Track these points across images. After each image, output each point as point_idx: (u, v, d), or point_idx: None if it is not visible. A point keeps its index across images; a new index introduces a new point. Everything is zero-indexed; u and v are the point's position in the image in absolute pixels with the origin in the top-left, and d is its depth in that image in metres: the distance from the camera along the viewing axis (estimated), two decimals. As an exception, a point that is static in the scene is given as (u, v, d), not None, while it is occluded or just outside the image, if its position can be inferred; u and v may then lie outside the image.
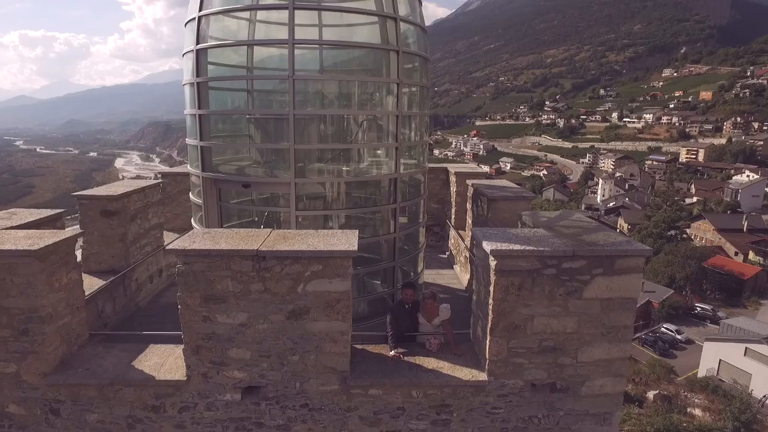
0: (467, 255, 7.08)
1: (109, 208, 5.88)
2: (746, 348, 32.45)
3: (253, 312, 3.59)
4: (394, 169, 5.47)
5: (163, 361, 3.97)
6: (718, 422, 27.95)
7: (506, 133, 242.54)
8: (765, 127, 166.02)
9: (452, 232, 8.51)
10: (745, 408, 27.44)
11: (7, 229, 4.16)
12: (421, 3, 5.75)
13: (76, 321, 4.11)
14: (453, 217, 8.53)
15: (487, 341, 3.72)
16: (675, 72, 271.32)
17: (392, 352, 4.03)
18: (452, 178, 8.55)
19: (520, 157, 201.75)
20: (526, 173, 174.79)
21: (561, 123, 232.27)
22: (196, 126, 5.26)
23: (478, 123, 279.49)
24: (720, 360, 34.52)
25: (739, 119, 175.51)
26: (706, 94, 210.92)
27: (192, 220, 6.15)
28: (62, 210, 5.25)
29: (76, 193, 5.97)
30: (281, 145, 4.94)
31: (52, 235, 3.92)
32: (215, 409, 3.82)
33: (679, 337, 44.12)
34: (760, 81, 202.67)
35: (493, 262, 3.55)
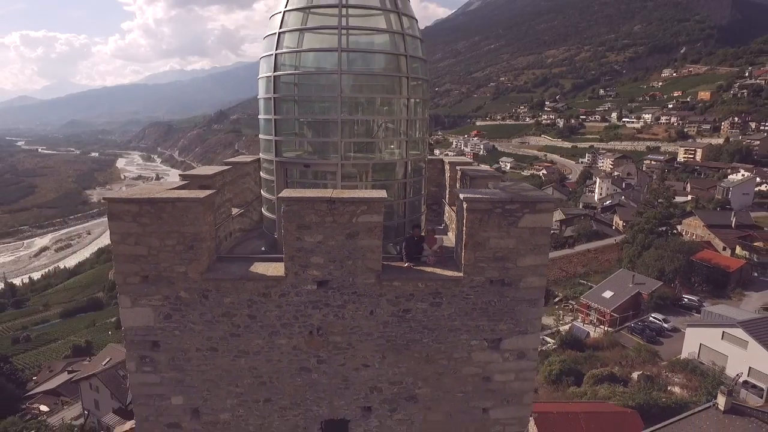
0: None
1: (205, 183, 8.41)
2: (723, 332, 34.97)
3: (326, 234, 6.15)
4: (405, 156, 8.05)
5: (267, 269, 6.54)
6: (693, 397, 30.53)
7: (506, 133, 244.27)
8: (762, 127, 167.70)
9: (446, 208, 11.03)
10: (717, 384, 29.98)
11: (171, 189, 6.74)
12: (422, 41, 8.30)
13: (213, 245, 6.68)
14: (447, 196, 11.06)
15: (462, 253, 6.29)
16: (674, 72, 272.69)
17: (406, 264, 6.60)
18: (446, 167, 11.09)
19: (520, 157, 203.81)
20: (526, 173, 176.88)
21: (561, 123, 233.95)
22: (272, 126, 7.84)
23: (478, 123, 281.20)
24: (700, 344, 37.03)
25: (736, 119, 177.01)
26: (704, 94, 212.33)
27: (261, 191, 8.72)
28: (186, 182, 7.78)
29: (181, 173, 8.51)
30: (332, 138, 7.52)
31: (203, 192, 6.50)
32: (301, 295, 6.39)
33: (665, 325, 46.65)
34: (758, 81, 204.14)
35: (465, 205, 6.12)
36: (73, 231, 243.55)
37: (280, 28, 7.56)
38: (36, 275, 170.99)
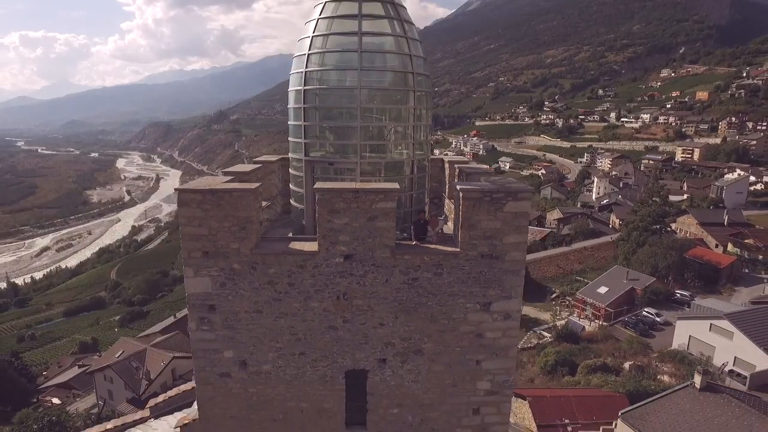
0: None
1: (244, 178, 9.98)
2: (711, 324, 36.62)
3: (351, 217, 7.73)
4: (411, 156, 9.64)
5: (303, 246, 8.12)
6: (680, 384, 32.10)
7: (506, 133, 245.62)
8: (759, 127, 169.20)
9: (446, 201, 12.63)
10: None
11: (224, 182, 8.33)
12: (425, 59, 9.88)
13: (259, 227, 8.27)
14: (447, 191, 12.65)
15: (459, 233, 7.88)
16: (673, 72, 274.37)
17: (414, 242, 8.19)
18: (446, 165, 12.68)
19: (519, 157, 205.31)
20: (525, 172, 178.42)
21: (560, 123, 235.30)
22: (302, 131, 9.44)
23: (478, 123, 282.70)
24: (690, 336, 38.69)
25: (734, 119, 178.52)
26: (702, 95, 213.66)
27: (290, 185, 10.32)
28: (231, 177, 9.35)
29: (224, 170, 10.09)
30: (351, 141, 9.11)
31: (253, 184, 8.09)
32: (330, 266, 7.96)
33: (658, 319, 48.38)
34: (755, 81, 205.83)
35: (461, 194, 7.71)
36: (74, 231, 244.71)
37: (309, 50, 9.16)
38: (38, 275, 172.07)
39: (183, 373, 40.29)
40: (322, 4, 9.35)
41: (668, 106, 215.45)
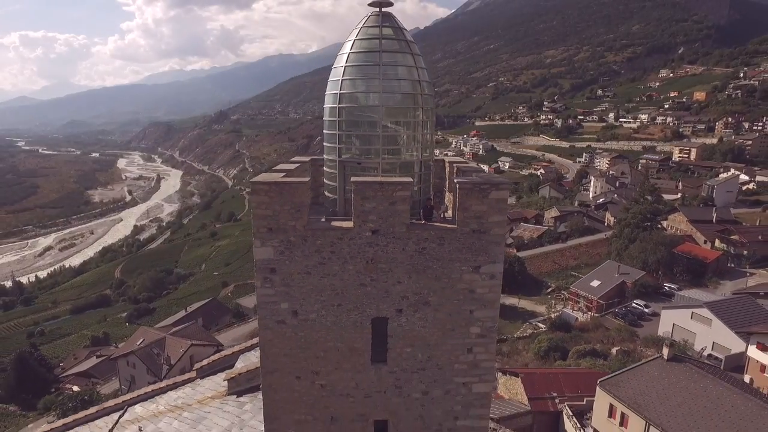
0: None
1: (291, 174, 12.81)
2: (692, 312, 39.46)
3: (378, 203, 10.54)
4: (420, 157, 12.50)
5: (342, 223, 10.95)
6: (662, 366, 35.04)
7: (505, 133, 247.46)
8: (755, 127, 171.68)
9: (447, 194, 15.47)
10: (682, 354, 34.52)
11: (282, 177, 11.16)
12: (429, 82, 12.72)
13: (308, 209, 11.12)
14: (447, 185, 15.49)
15: (456, 214, 10.71)
16: (671, 72, 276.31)
17: (422, 222, 11.05)
18: (447, 165, 15.52)
19: (518, 157, 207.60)
20: (524, 172, 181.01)
21: (559, 123, 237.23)
22: (336, 138, 12.29)
23: (477, 123, 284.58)
24: (673, 324, 41.55)
25: (730, 119, 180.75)
26: (699, 95, 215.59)
27: (324, 179, 13.18)
28: (284, 173, 12.16)
29: (275, 168, 12.91)
30: (375, 145, 11.96)
31: (305, 178, 10.93)
32: (362, 239, 10.77)
33: (646, 310, 51.24)
34: (752, 82, 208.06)
35: (458, 185, 10.55)
36: (76, 231, 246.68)
37: (342, 76, 12.03)
38: (42, 274, 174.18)
39: (200, 359, 43.04)
40: (352, 41, 12.21)
41: (666, 106, 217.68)
